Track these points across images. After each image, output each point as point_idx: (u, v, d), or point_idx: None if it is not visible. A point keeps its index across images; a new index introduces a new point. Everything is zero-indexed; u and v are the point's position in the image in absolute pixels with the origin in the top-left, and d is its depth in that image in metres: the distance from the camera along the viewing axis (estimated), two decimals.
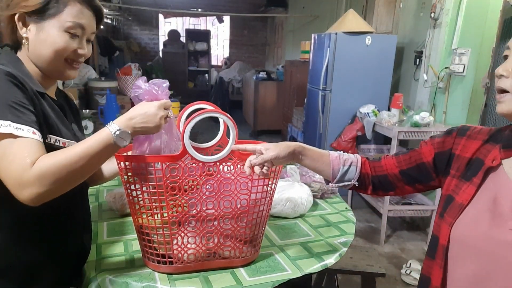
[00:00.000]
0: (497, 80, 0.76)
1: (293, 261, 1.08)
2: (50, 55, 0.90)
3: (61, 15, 0.89)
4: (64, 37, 0.90)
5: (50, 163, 0.77)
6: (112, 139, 0.84)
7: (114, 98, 3.48)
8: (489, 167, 0.78)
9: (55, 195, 0.79)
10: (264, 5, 8.09)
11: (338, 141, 3.42)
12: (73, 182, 0.82)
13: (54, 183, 0.77)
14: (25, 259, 0.90)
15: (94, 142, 0.83)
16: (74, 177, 0.81)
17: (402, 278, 2.48)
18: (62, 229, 0.98)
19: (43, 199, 0.78)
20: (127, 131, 0.86)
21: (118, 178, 1.66)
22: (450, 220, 0.80)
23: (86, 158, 0.80)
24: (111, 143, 0.84)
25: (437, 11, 2.93)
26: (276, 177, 1.02)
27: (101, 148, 0.83)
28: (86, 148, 0.81)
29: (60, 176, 0.77)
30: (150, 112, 0.88)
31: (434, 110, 3.05)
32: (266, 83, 6.36)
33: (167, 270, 0.99)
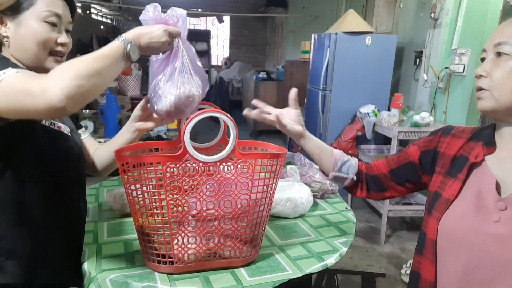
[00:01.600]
0: (477, 80, 0.82)
1: (293, 261, 1.08)
2: (34, 48, 0.91)
3: (36, 5, 0.90)
4: (44, 27, 0.91)
5: (65, 64, 0.77)
6: (123, 46, 0.85)
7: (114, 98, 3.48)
8: (473, 163, 0.83)
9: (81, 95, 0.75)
10: (264, 5, 8.09)
11: (338, 141, 3.42)
12: (93, 82, 0.77)
13: (74, 78, 0.74)
14: (29, 244, 0.92)
15: (107, 47, 0.83)
16: (93, 74, 0.77)
17: (402, 278, 2.48)
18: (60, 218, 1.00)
19: (70, 98, 0.73)
20: (136, 44, 0.87)
21: (118, 178, 1.67)
22: (438, 215, 0.83)
23: (101, 59, 0.80)
24: (122, 51, 0.84)
25: (437, 11, 2.93)
26: (276, 177, 1.02)
27: (114, 53, 0.83)
28: (100, 52, 0.81)
29: (77, 70, 0.75)
30: (155, 33, 0.90)
31: (434, 110, 3.05)
32: (266, 83, 6.36)
33: (167, 270, 0.99)
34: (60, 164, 1.00)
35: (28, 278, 0.93)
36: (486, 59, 0.80)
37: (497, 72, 0.76)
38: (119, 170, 0.95)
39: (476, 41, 2.74)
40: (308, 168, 1.69)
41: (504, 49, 0.76)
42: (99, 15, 7.08)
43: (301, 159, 1.77)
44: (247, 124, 6.96)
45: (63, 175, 1.01)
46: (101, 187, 1.61)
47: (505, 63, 0.75)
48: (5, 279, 0.90)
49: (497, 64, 0.77)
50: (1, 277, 0.89)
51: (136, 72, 4.16)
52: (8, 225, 0.90)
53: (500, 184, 0.78)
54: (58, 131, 0.99)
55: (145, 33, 0.89)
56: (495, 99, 0.76)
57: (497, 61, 0.77)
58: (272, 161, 0.99)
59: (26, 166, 0.91)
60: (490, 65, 0.78)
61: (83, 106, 0.80)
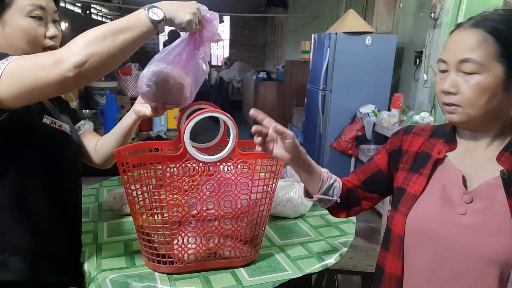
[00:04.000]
0: (444, 95, 0.78)
1: (293, 261, 1.08)
2: (24, 47, 0.89)
3: (16, 1, 0.87)
4: (30, 23, 0.88)
5: (79, 37, 0.73)
6: (143, 11, 0.80)
7: (114, 98, 3.48)
8: (437, 159, 0.84)
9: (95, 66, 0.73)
10: (264, 5, 8.09)
11: (338, 141, 3.42)
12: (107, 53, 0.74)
13: (88, 46, 0.71)
14: (31, 239, 0.92)
15: (126, 17, 0.80)
16: (107, 44, 0.74)
17: None
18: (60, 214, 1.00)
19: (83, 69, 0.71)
20: (159, 7, 0.82)
21: (118, 178, 1.67)
22: (405, 211, 0.84)
23: (119, 26, 0.76)
24: (141, 16, 0.79)
25: (437, 11, 2.93)
26: (276, 177, 1.02)
27: (134, 19, 0.79)
28: (119, 20, 0.78)
29: (92, 39, 0.72)
30: (184, 2, 0.87)
31: (434, 110, 3.05)
32: (266, 83, 6.36)
33: (167, 270, 0.99)
34: (61, 162, 1.00)
35: (31, 274, 0.92)
36: (450, 74, 0.77)
37: (468, 90, 0.74)
38: (119, 170, 0.95)
39: None
40: None
41: (468, 68, 0.74)
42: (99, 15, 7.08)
43: None
44: (247, 124, 6.96)
45: (63, 172, 1.01)
46: (101, 187, 1.61)
47: (474, 80, 0.74)
48: (9, 276, 0.89)
49: (466, 80, 0.75)
50: (5, 273, 0.89)
51: (136, 72, 4.16)
52: (11, 222, 0.89)
53: (465, 178, 0.80)
54: (59, 130, 0.99)
55: (173, 1, 0.85)
56: (468, 115, 0.76)
57: (465, 78, 0.75)
58: (272, 161, 0.99)
59: (28, 164, 0.91)
60: (457, 80, 0.76)
61: (97, 77, 0.78)
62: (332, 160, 3.53)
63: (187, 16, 0.85)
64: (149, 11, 0.79)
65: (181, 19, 0.85)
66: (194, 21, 0.87)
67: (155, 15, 0.80)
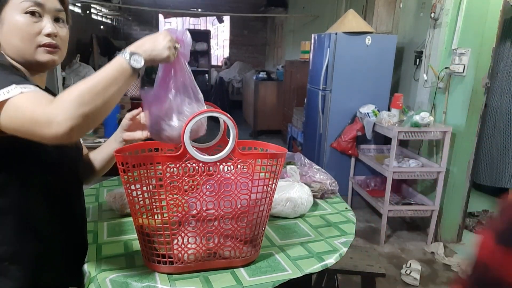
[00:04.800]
0: None
1: (293, 261, 1.08)
2: (19, 44, 0.88)
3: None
4: (25, 19, 0.87)
5: (70, 91, 0.75)
6: (125, 61, 0.82)
7: None
8: None
9: (85, 124, 0.76)
10: (264, 5, 8.09)
11: (338, 141, 3.42)
12: (99, 110, 0.77)
13: (79, 107, 0.73)
14: (33, 247, 0.91)
15: (110, 65, 0.81)
16: (98, 102, 0.76)
17: (402, 278, 2.48)
18: (63, 222, 0.99)
19: (74, 129, 0.73)
20: (138, 52, 0.84)
21: (118, 178, 1.67)
22: None
23: (105, 82, 0.78)
24: (125, 66, 0.82)
25: (437, 11, 2.93)
26: (276, 177, 1.02)
27: (117, 70, 0.81)
28: (104, 73, 0.80)
29: (83, 100, 0.74)
30: (157, 37, 0.88)
31: (434, 110, 3.05)
32: (266, 83, 6.36)
33: (167, 270, 0.99)
34: (62, 168, 0.99)
35: (31, 282, 0.92)
36: None
37: None
38: (119, 170, 0.95)
39: (476, 41, 2.74)
40: (308, 168, 1.69)
41: None
42: (99, 15, 7.08)
43: (301, 159, 1.77)
44: (247, 124, 6.96)
45: (65, 179, 1.01)
46: (101, 187, 1.61)
47: None
48: (9, 284, 0.89)
49: None
50: (5, 281, 0.88)
51: None
52: (12, 230, 0.89)
53: None
54: None
55: (147, 40, 0.88)
56: None
57: None
58: (272, 161, 0.99)
59: (30, 172, 0.90)
60: None
61: (91, 129, 0.80)
62: (332, 160, 3.53)
63: (165, 52, 0.88)
64: (131, 60, 0.82)
65: (159, 58, 0.88)
66: (172, 53, 0.90)
67: (137, 63, 0.83)
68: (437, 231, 3.02)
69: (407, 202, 3.04)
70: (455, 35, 2.82)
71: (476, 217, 3.37)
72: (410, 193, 3.21)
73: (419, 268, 2.54)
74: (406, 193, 3.27)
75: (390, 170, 2.81)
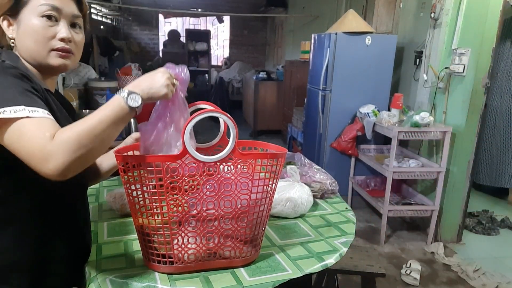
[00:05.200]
0: None
1: (294, 261, 1.08)
2: (32, 46, 0.89)
3: (32, 0, 0.88)
4: (41, 22, 0.88)
5: (70, 132, 0.76)
6: (123, 100, 0.83)
7: None
8: None
9: (81, 165, 0.78)
10: (264, 5, 8.09)
11: (338, 141, 3.42)
12: (96, 150, 0.80)
13: (77, 150, 0.75)
14: (34, 254, 0.91)
15: (107, 106, 0.83)
16: (96, 143, 0.79)
17: (402, 278, 2.48)
18: (66, 226, 0.99)
19: (70, 170, 0.76)
20: (136, 92, 0.85)
21: (118, 178, 1.67)
22: None
23: (104, 122, 0.80)
24: (123, 105, 0.83)
25: (437, 11, 2.93)
26: (276, 177, 1.02)
27: (115, 111, 0.82)
28: (102, 114, 0.81)
29: (81, 142, 0.76)
30: (155, 75, 0.89)
31: (434, 110, 3.05)
32: (266, 83, 6.36)
33: (167, 270, 0.99)
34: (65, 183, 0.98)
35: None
36: None
37: None
38: (119, 170, 0.95)
39: (476, 41, 2.74)
40: (308, 168, 1.69)
41: None
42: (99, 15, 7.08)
43: (301, 159, 1.77)
44: (247, 124, 6.96)
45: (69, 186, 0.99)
46: (101, 187, 1.61)
47: None
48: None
49: None
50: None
51: (136, 72, 4.17)
52: (14, 237, 0.88)
53: None
54: None
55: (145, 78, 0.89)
56: None
57: None
58: (272, 161, 0.99)
59: (32, 179, 0.89)
60: None
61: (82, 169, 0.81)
62: (332, 160, 3.53)
63: (162, 90, 0.89)
64: (129, 99, 0.83)
65: (157, 95, 0.89)
66: (170, 90, 0.91)
67: (134, 102, 0.84)
68: (437, 231, 3.02)
69: (407, 202, 3.04)
70: (455, 35, 2.82)
71: (476, 217, 3.37)
72: (410, 193, 3.21)
73: (419, 268, 2.54)
74: (406, 193, 3.27)
75: (390, 170, 2.81)
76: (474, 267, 2.60)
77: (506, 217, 3.38)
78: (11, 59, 0.90)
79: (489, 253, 2.92)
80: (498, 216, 3.42)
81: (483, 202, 3.79)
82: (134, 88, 0.86)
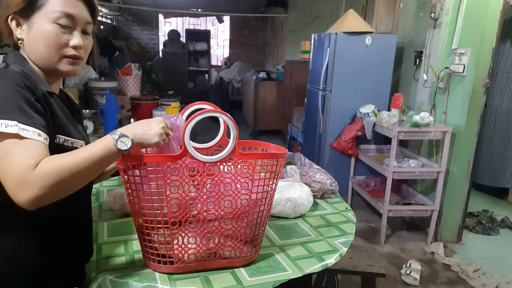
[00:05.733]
0: None
1: (294, 261, 1.08)
2: (44, 51, 0.89)
3: (47, 5, 0.87)
4: (54, 29, 0.88)
5: (53, 165, 0.76)
6: (112, 142, 0.84)
7: (114, 98, 3.48)
8: None
9: (54, 199, 0.78)
10: (264, 5, 8.09)
11: (338, 141, 3.42)
12: (74, 187, 0.81)
13: (55, 185, 0.76)
14: (35, 261, 0.89)
15: (96, 145, 0.84)
16: (75, 181, 0.80)
17: (402, 278, 2.48)
18: (71, 229, 0.98)
19: (41, 203, 0.76)
20: (127, 135, 0.87)
21: (118, 178, 1.67)
22: None
23: (89, 161, 0.80)
24: (111, 147, 0.84)
25: (437, 11, 2.93)
26: (276, 177, 1.02)
27: (103, 152, 0.83)
28: (89, 152, 0.82)
29: (62, 179, 0.76)
30: (151, 123, 0.91)
31: (434, 110, 3.05)
32: (266, 83, 6.36)
33: (167, 270, 1.00)
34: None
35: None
36: None
37: None
38: (119, 170, 0.95)
39: (476, 41, 2.74)
40: (308, 168, 1.69)
41: None
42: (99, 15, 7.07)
43: (301, 159, 1.77)
44: (247, 124, 6.96)
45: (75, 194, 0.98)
46: (101, 187, 1.61)
47: None
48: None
49: None
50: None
51: (136, 72, 4.16)
52: (16, 244, 0.87)
53: None
54: (71, 147, 0.94)
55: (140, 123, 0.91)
56: None
57: None
58: (272, 161, 0.99)
59: None
60: None
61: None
62: (332, 160, 3.53)
63: (155, 139, 0.90)
64: (119, 142, 0.85)
65: (148, 142, 0.90)
66: (162, 139, 0.92)
67: (124, 145, 0.85)
68: (437, 231, 3.02)
69: (407, 202, 3.04)
70: (455, 35, 2.82)
71: (476, 217, 3.37)
72: (410, 193, 3.21)
73: (419, 268, 2.54)
74: (406, 193, 3.27)
75: (390, 170, 2.81)
76: (474, 267, 2.60)
77: (506, 217, 3.38)
78: (17, 60, 0.89)
79: (489, 253, 2.92)
80: (498, 216, 3.42)
81: (483, 202, 3.79)
82: (127, 131, 0.88)
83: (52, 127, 0.86)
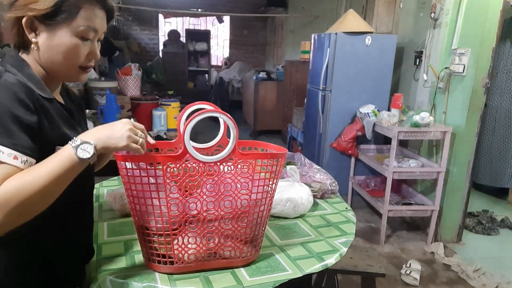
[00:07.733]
0: None
1: (294, 261, 1.08)
2: (62, 62, 0.88)
3: (75, 20, 0.85)
4: (77, 41, 0.87)
5: (11, 188, 0.72)
6: (72, 151, 0.78)
7: (114, 98, 3.48)
8: None
9: (20, 222, 0.75)
10: (264, 5, 8.09)
11: (338, 141, 3.42)
12: (39, 206, 0.77)
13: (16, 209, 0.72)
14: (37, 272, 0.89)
15: (55, 157, 0.78)
16: (40, 200, 0.76)
17: (402, 278, 2.48)
18: (71, 229, 0.97)
19: (6, 229, 0.73)
20: (89, 141, 0.79)
21: (118, 178, 1.67)
22: None
23: (50, 177, 0.75)
24: (72, 157, 0.78)
25: (437, 11, 2.93)
26: (276, 177, 1.02)
27: (64, 164, 0.77)
28: (49, 167, 0.76)
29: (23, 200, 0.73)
30: (116, 125, 0.85)
31: (434, 110, 3.05)
32: (266, 83, 6.35)
33: (167, 270, 0.99)
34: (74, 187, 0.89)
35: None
36: None
37: None
38: (119, 170, 0.95)
39: (476, 41, 2.74)
40: (308, 168, 1.69)
41: None
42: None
43: (301, 159, 1.77)
44: (247, 124, 6.96)
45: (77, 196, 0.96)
46: (101, 187, 1.61)
47: None
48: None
49: None
50: None
51: (136, 72, 4.16)
52: (18, 255, 0.86)
53: None
54: None
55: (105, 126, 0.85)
56: None
57: None
58: (272, 161, 0.99)
59: None
60: None
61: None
62: (332, 160, 3.53)
63: (122, 142, 0.83)
64: (78, 150, 0.78)
65: (115, 146, 0.83)
66: (133, 142, 0.85)
67: (85, 152, 0.78)
68: (437, 231, 3.02)
69: (407, 202, 3.04)
70: (455, 35, 2.82)
71: (476, 217, 3.37)
72: (410, 193, 3.21)
73: (419, 268, 2.54)
74: (406, 193, 3.27)
75: (390, 170, 2.81)
76: (474, 267, 2.60)
77: (506, 217, 3.38)
78: (15, 65, 0.86)
79: (489, 253, 2.92)
80: (498, 216, 3.42)
81: (483, 202, 3.79)
82: (88, 137, 0.81)
83: (50, 137, 0.83)
